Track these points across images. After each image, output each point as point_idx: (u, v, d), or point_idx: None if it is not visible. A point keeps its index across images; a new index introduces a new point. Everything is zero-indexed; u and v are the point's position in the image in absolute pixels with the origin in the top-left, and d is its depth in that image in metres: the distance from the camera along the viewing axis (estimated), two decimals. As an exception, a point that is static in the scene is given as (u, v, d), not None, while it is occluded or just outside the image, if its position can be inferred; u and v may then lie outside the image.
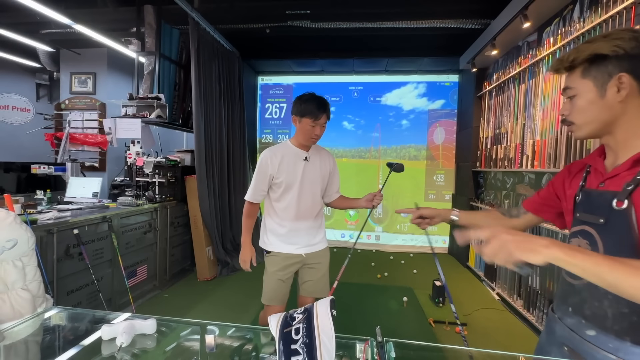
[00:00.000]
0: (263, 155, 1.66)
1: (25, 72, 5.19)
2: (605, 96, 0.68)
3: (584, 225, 0.74)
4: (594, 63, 0.69)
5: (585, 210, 0.75)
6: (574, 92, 0.73)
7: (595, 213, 0.71)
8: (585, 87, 0.71)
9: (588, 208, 0.74)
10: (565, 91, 0.76)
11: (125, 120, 3.18)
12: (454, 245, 4.44)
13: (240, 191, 4.05)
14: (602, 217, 0.69)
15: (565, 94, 0.77)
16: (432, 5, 3.30)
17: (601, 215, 0.69)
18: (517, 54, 3.10)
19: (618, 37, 0.65)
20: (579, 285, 0.75)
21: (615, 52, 0.65)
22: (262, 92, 5.12)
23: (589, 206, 0.74)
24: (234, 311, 2.67)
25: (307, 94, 1.69)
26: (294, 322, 0.63)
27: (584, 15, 2.19)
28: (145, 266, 2.85)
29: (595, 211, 0.71)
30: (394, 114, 4.84)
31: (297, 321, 0.63)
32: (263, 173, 1.65)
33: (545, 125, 2.55)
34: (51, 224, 1.97)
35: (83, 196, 2.87)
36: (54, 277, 1.97)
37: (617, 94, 0.67)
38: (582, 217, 0.75)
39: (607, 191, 0.70)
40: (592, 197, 0.74)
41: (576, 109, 0.74)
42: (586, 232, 0.73)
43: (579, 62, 0.71)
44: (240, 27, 3.71)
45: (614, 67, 0.66)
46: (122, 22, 3.67)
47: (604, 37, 0.68)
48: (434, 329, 2.46)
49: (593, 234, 0.71)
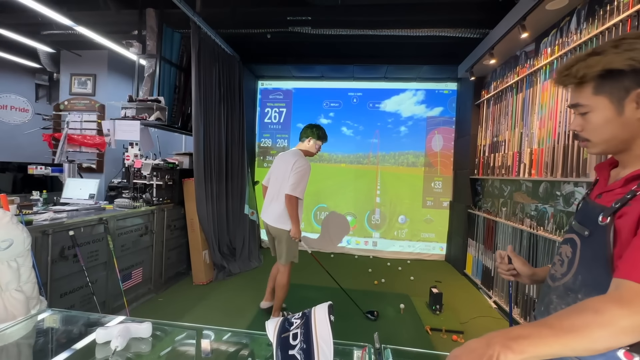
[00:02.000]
0: (308, 164, 2.40)
1: (25, 73, 5.19)
2: (623, 113, 0.63)
3: (574, 234, 0.73)
4: (607, 78, 0.64)
5: (578, 219, 0.75)
6: (587, 109, 0.68)
7: (585, 224, 0.70)
8: (600, 104, 0.66)
9: (581, 217, 0.74)
10: (577, 108, 0.71)
11: (125, 122, 3.17)
12: (451, 252, 4.44)
13: (238, 195, 4.05)
14: (588, 230, 0.68)
15: (576, 110, 0.71)
16: (431, 15, 3.34)
17: (587, 227, 0.68)
18: (515, 63, 3.14)
19: (631, 47, 0.60)
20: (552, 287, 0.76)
21: (631, 66, 0.60)
22: (262, 96, 5.14)
23: (583, 216, 0.74)
24: (229, 316, 2.65)
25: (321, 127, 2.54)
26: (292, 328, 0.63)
27: (580, 27, 2.22)
28: (141, 269, 2.83)
29: (586, 222, 0.70)
30: (392, 120, 4.86)
31: (295, 326, 0.63)
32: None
33: (543, 134, 2.57)
34: (46, 225, 1.95)
35: (79, 197, 2.85)
36: (47, 278, 1.94)
37: (636, 110, 0.62)
38: (575, 226, 0.74)
39: (599, 205, 0.69)
40: (588, 207, 0.73)
41: (592, 127, 0.69)
42: (573, 241, 0.73)
43: (589, 78, 0.66)
44: (242, 31, 3.74)
45: (631, 82, 0.61)
46: (123, 24, 3.69)
47: (615, 47, 0.62)
48: (430, 336, 2.44)
49: (577, 244, 0.71)
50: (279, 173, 2.45)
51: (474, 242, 3.75)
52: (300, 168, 2.34)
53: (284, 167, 2.42)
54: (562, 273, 0.73)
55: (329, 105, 4.98)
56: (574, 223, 0.76)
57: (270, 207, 2.48)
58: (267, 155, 5.12)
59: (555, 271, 0.77)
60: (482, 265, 3.48)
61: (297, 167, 2.34)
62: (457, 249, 4.19)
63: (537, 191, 2.63)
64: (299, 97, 5.06)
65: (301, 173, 2.32)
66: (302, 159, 2.42)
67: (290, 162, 2.38)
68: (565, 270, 0.72)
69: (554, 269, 0.78)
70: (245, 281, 3.46)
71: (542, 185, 2.57)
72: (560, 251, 0.78)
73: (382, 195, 4.85)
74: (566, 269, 0.72)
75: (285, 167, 2.40)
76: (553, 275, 0.77)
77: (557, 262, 0.78)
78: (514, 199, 3.00)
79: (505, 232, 3.02)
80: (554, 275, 0.77)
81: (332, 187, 4.88)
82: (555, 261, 0.79)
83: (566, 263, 0.73)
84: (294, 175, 2.32)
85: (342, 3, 3.14)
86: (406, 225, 4.77)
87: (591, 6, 2.15)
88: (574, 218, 0.79)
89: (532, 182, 2.72)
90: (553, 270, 0.78)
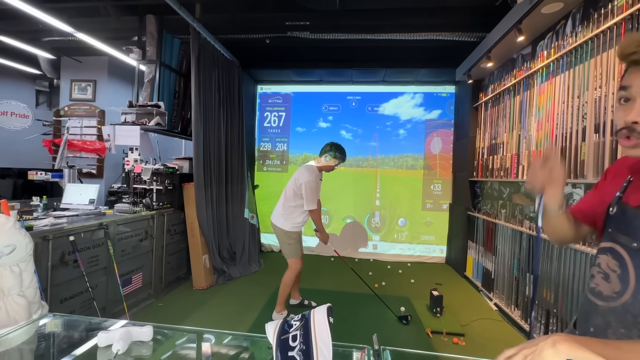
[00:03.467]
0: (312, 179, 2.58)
1: (25, 79, 5.22)
2: None
3: (616, 244, 0.66)
4: None
5: (618, 227, 0.66)
6: None
7: (630, 235, 0.62)
8: None
9: (622, 226, 0.65)
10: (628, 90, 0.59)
11: (125, 127, 3.19)
12: (452, 254, 4.44)
13: (238, 199, 4.06)
14: (637, 242, 0.61)
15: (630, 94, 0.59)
16: (429, 19, 3.37)
17: (636, 239, 0.61)
18: (512, 66, 3.17)
19: None
20: (603, 307, 0.66)
21: None
22: (261, 100, 5.17)
23: (624, 225, 0.65)
24: (229, 320, 2.64)
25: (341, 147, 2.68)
26: (291, 330, 0.64)
27: (576, 30, 2.25)
28: (141, 274, 2.83)
29: (630, 232, 0.63)
30: (391, 123, 4.89)
31: (294, 328, 0.63)
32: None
33: (540, 135, 2.59)
34: (47, 230, 1.96)
35: (79, 203, 2.85)
36: (47, 284, 1.94)
37: None
38: (615, 235, 0.66)
39: None
40: (628, 215, 0.65)
41: None
42: (617, 253, 0.65)
43: None
44: (241, 37, 3.77)
45: None
46: (123, 31, 3.72)
47: None
48: (431, 339, 2.44)
49: (624, 257, 0.63)
50: (290, 181, 2.70)
51: (474, 245, 3.75)
52: (304, 186, 2.54)
53: (294, 178, 2.67)
54: (615, 291, 0.64)
55: (327, 109, 5.00)
56: (610, 230, 0.68)
57: (276, 207, 2.75)
58: (266, 159, 5.13)
59: (596, 285, 0.69)
60: (483, 267, 3.48)
61: (303, 186, 2.55)
62: (457, 251, 4.19)
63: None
64: (298, 101, 5.08)
65: (307, 190, 2.55)
66: (309, 174, 2.57)
67: (299, 179, 2.59)
68: (619, 289, 0.63)
69: (594, 283, 0.70)
70: (246, 285, 3.46)
71: (541, 187, 2.58)
72: (598, 262, 0.70)
73: (381, 198, 4.86)
74: (619, 286, 0.63)
75: (295, 180, 2.64)
76: (599, 292, 0.68)
77: (598, 276, 0.69)
78: (513, 200, 3.01)
79: (504, 234, 3.03)
80: (600, 292, 0.68)
81: (332, 190, 4.89)
82: (595, 273, 0.70)
83: (615, 279, 0.65)
84: (304, 193, 2.56)
85: (340, 8, 3.17)
86: (406, 227, 4.78)
87: (586, 9, 2.17)
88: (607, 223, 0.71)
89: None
90: (594, 284, 0.70)
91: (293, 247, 2.67)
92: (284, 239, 2.67)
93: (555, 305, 2.25)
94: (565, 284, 2.16)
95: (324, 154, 2.67)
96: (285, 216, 2.65)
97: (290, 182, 2.68)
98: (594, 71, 2.03)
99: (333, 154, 2.64)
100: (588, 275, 1.98)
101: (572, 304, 2.09)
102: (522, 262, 2.70)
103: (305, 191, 2.54)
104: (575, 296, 2.06)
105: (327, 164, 2.68)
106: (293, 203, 2.63)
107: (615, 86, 1.86)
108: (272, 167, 5.12)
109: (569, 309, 2.12)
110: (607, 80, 1.93)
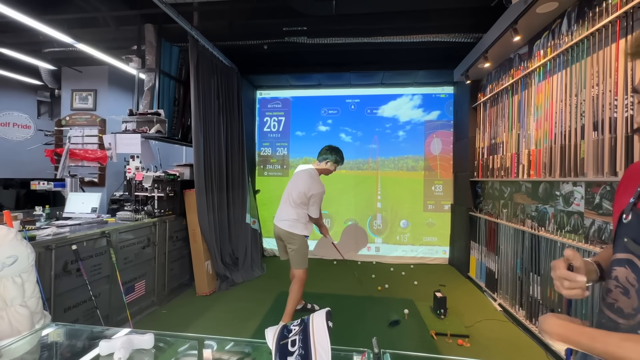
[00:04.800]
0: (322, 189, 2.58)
1: (26, 90, 5.27)
2: None
3: (632, 256, 0.61)
4: None
5: (635, 237, 0.61)
6: None
7: None
8: None
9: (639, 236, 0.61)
10: None
11: (125, 135, 3.21)
12: (455, 255, 4.42)
13: (239, 204, 4.06)
14: None
15: None
16: (426, 21, 3.39)
17: None
18: (509, 66, 3.18)
19: None
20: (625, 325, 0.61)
21: None
22: (261, 105, 5.20)
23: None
24: (233, 327, 2.64)
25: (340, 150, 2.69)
26: (290, 335, 0.64)
27: (571, 29, 2.26)
28: (144, 281, 2.83)
29: None
30: (390, 125, 4.90)
31: (294, 333, 0.64)
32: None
33: (540, 134, 2.59)
34: (49, 240, 1.97)
35: (82, 211, 2.87)
36: (51, 293, 1.95)
37: None
38: (631, 246, 0.61)
39: None
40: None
41: None
42: (635, 266, 0.60)
43: None
44: (239, 43, 3.80)
45: None
46: (123, 40, 3.76)
47: None
48: (435, 341, 2.43)
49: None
50: (293, 186, 2.63)
51: (476, 245, 3.74)
52: (315, 197, 2.53)
53: (298, 182, 2.60)
54: (633, 307, 0.60)
55: (327, 112, 5.02)
56: (626, 240, 0.63)
57: (282, 213, 2.63)
58: (267, 164, 5.15)
59: (615, 300, 0.65)
60: (486, 267, 3.46)
61: (313, 195, 2.52)
62: (460, 252, 4.17)
63: (537, 192, 2.64)
64: (297, 105, 5.11)
65: (317, 199, 2.55)
66: (317, 183, 2.57)
67: (307, 183, 2.54)
68: (637, 304, 0.59)
69: (612, 298, 0.66)
70: (249, 291, 3.46)
71: (542, 186, 2.58)
72: (615, 275, 0.65)
73: (383, 200, 4.86)
74: (637, 301, 0.60)
75: (299, 185, 2.57)
76: (619, 309, 0.64)
77: (616, 290, 0.65)
78: (514, 200, 3.00)
79: (507, 233, 3.02)
80: (621, 309, 0.63)
81: (333, 193, 4.89)
82: (612, 287, 0.66)
83: (634, 294, 0.60)
84: (312, 202, 2.54)
85: (337, 12, 3.20)
86: (408, 229, 4.77)
87: (581, 8, 2.18)
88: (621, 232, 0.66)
89: (531, 183, 2.73)
90: (612, 299, 0.66)
91: (305, 254, 2.58)
92: (303, 248, 2.55)
93: (559, 304, 2.24)
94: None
95: (323, 157, 2.67)
96: (304, 224, 2.57)
97: (295, 188, 2.58)
98: (591, 69, 2.04)
99: (333, 157, 2.65)
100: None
101: (576, 303, 2.08)
102: (525, 262, 2.69)
103: (315, 202, 2.54)
104: (579, 295, 2.05)
105: (327, 168, 2.68)
106: (304, 209, 2.58)
107: (612, 84, 1.87)
108: (273, 172, 5.14)
109: (573, 308, 2.11)
110: (604, 78, 1.94)
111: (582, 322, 0.63)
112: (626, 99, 1.76)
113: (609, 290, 0.66)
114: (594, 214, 2.01)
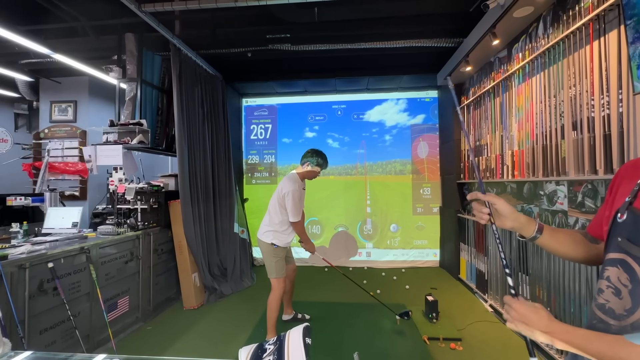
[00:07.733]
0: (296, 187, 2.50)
1: (2, 102, 5.10)
2: None
3: (626, 256, 0.60)
4: None
5: (630, 237, 0.60)
6: None
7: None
8: None
9: (634, 236, 0.60)
10: None
11: (106, 147, 3.13)
12: (445, 257, 4.43)
13: (227, 214, 3.99)
14: None
15: None
16: (406, 27, 3.43)
17: None
18: (490, 69, 3.23)
19: None
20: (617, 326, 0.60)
21: None
22: (247, 113, 5.16)
23: (636, 234, 0.60)
24: (221, 341, 2.55)
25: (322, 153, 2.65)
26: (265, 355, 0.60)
27: (547, 32, 2.31)
28: (127, 297, 2.73)
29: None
30: (377, 130, 4.92)
31: (268, 353, 0.60)
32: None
33: (522, 135, 2.63)
34: (23, 258, 1.88)
35: (62, 227, 2.76)
36: (25, 315, 1.85)
37: None
38: (625, 245, 0.61)
39: None
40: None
41: None
42: (627, 265, 0.59)
43: None
44: (222, 51, 3.77)
45: None
46: (103, 50, 3.69)
47: None
48: (428, 346, 2.40)
49: (637, 271, 0.58)
50: (275, 194, 2.62)
51: (466, 247, 3.75)
52: (289, 195, 2.47)
53: (278, 189, 2.60)
54: (625, 309, 0.59)
55: (314, 118, 5.02)
56: (620, 240, 0.62)
57: (262, 222, 2.67)
58: (254, 172, 5.09)
59: (607, 301, 0.64)
60: (476, 269, 3.47)
61: (287, 193, 2.48)
62: (450, 254, 4.19)
63: (522, 192, 2.66)
64: (284, 112, 5.09)
65: (292, 200, 2.47)
66: (292, 182, 2.52)
67: (282, 189, 2.53)
68: (630, 306, 0.59)
69: (603, 298, 0.65)
70: (238, 302, 3.37)
71: (526, 186, 2.61)
72: (607, 275, 0.64)
73: (372, 205, 4.85)
74: (629, 302, 0.59)
75: (278, 191, 2.57)
76: (611, 310, 0.63)
77: (608, 291, 0.64)
78: (501, 200, 3.02)
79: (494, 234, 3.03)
80: (612, 310, 0.62)
81: (323, 199, 4.86)
82: (604, 288, 0.65)
83: (626, 294, 0.60)
84: (288, 204, 2.48)
85: (319, 19, 3.21)
86: (398, 233, 4.76)
87: (555, 12, 2.24)
88: (615, 231, 0.65)
89: (516, 183, 2.76)
90: (604, 300, 0.65)
91: (279, 264, 2.55)
92: (269, 256, 2.56)
93: (548, 303, 2.25)
94: (556, 282, 2.16)
95: (304, 161, 2.64)
96: (273, 232, 2.55)
97: (275, 194, 2.60)
98: (567, 70, 2.08)
99: (315, 160, 2.61)
100: (575, 271, 1.99)
101: (564, 301, 2.09)
102: (513, 262, 2.71)
103: (289, 201, 2.46)
104: (567, 293, 2.06)
105: (310, 171, 2.63)
106: (280, 217, 2.55)
107: (588, 84, 1.91)
108: (261, 180, 5.08)
109: (561, 306, 2.12)
110: (580, 78, 1.98)
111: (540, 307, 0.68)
112: (602, 99, 1.80)
113: (601, 290, 0.66)
114: (577, 212, 2.03)
